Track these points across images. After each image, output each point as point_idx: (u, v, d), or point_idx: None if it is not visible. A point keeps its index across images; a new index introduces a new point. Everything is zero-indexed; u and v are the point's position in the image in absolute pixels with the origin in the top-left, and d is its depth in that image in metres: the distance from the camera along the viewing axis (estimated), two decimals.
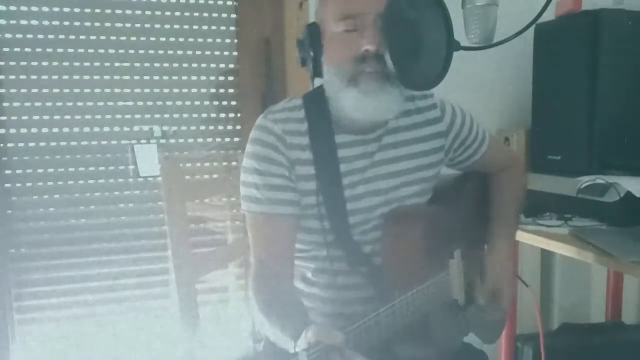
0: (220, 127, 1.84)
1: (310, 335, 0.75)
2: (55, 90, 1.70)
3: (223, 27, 1.81)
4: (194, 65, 1.79)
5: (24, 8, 1.65)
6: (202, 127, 1.83)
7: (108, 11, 1.71)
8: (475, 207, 1.19)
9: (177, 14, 1.77)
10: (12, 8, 1.64)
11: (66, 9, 1.68)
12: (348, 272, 1.04)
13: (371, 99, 0.95)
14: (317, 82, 1.04)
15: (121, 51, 1.73)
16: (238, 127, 1.85)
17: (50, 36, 1.68)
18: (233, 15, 1.81)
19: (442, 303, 1.02)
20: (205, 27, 1.79)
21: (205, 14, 1.79)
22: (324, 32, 0.99)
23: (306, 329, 0.77)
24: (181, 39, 1.77)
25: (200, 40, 1.79)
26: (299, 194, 1.01)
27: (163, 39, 1.76)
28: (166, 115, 1.79)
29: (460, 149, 1.14)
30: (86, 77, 1.71)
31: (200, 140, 1.82)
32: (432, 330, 0.99)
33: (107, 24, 1.71)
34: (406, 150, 1.07)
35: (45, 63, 1.68)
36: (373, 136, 1.05)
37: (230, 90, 1.84)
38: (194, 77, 1.80)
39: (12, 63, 1.66)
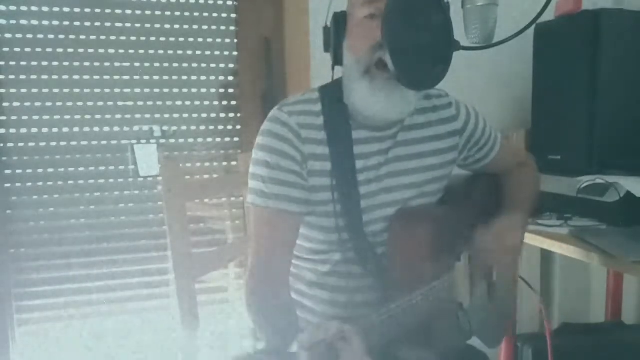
0: (221, 127, 1.84)
1: (305, 337, 0.74)
2: (55, 90, 1.69)
3: (223, 27, 1.81)
4: (194, 65, 1.79)
5: (24, 8, 1.64)
6: (202, 127, 1.82)
7: (108, 11, 1.71)
8: (483, 209, 1.18)
9: (177, 14, 1.76)
10: (12, 8, 1.64)
11: (66, 9, 1.68)
12: (359, 274, 1.03)
13: (381, 96, 0.95)
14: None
15: (121, 51, 1.73)
16: (238, 127, 1.84)
17: (50, 36, 1.68)
18: (233, 15, 1.81)
19: (447, 305, 1.02)
20: (205, 27, 1.79)
21: (205, 14, 1.79)
22: (351, 19, 0.99)
23: (299, 337, 0.76)
24: (181, 39, 1.77)
25: (200, 40, 1.79)
26: (308, 191, 1.00)
27: (163, 39, 1.76)
28: (166, 115, 1.79)
29: (474, 149, 1.14)
30: (86, 77, 1.71)
31: (200, 140, 1.82)
32: (436, 332, 0.98)
33: (107, 24, 1.71)
34: (420, 148, 1.07)
35: (45, 63, 1.68)
36: (389, 133, 1.04)
37: (230, 90, 1.84)
38: (194, 77, 1.80)
39: (12, 63, 1.66)
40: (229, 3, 1.81)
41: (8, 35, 1.65)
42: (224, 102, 1.84)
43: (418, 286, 0.94)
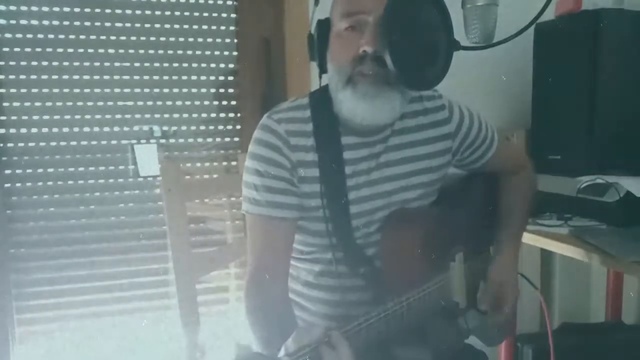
0: (220, 127, 1.84)
1: (290, 342, 0.73)
2: (55, 90, 1.69)
3: (223, 27, 1.81)
4: (194, 65, 1.79)
5: (24, 8, 1.64)
6: (202, 127, 1.82)
7: (108, 11, 1.71)
8: (479, 209, 1.18)
9: (177, 14, 1.76)
10: (12, 8, 1.64)
11: (66, 9, 1.68)
12: (351, 274, 1.03)
13: (366, 103, 0.94)
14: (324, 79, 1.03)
15: (121, 51, 1.73)
16: (238, 127, 1.84)
17: (50, 36, 1.68)
18: (233, 15, 1.81)
19: (443, 306, 1.02)
20: (205, 27, 1.79)
21: (205, 14, 1.78)
22: (332, 29, 0.98)
23: (285, 342, 0.75)
24: (181, 39, 1.77)
25: (200, 40, 1.79)
26: (300, 197, 1.00)
27: (163, 39, 1.76)
28: (166, 115, 1.79)
29: (469, 151, 1.13)
30: (86, 77, 1.71)
31: (200, 140, 1.82)
32: (432, 332, 0.99)
33: (107, 24, 1.71)
34: (412, 152, 1.06)
35: (45, 63, 1.68)
36: (379, 137, 1.04)
37: (230, 90, 1.84)
38: (194, 77, 1.80)
39: (12, 63, 1.66)
40: (229, 3, 1.81)
41: (8, 35, 1.65)
42: (224, 102, 1.84)
43: (410, 288, 0.93)
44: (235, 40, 1.82)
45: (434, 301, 0.98)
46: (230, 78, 1.84)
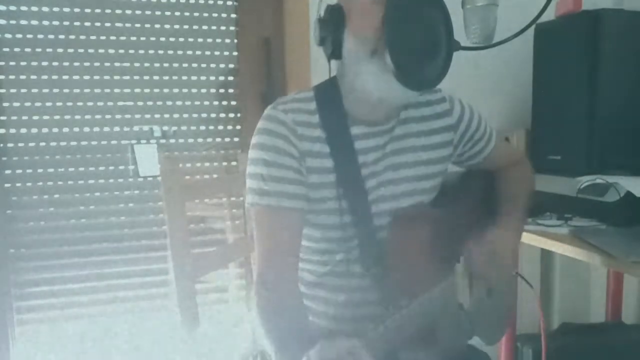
0: (221, 127, 1.84)
1: (314, 355, 0.73)
2: (55, 90, 1.69)
3: (223, 27, 1.81)
4: (194, 65, 1.79)
5: (24, 8, 1.64)
6: (202, 127, 1.82)
7: (108, 11, 1.71)
8: (482, 210, 1.18)
9: (177, 14, 1.76)
10: (12, 8, 1.64)
11: (66, 9, 1.68)
12: (359, 274, 1.02)
13: (392, 76, 0.92)
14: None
15: (121, 51, 1.73)
16: (238, 127, 1.84)
17: (50, 36, 1.68)
18: (233, 15, 1.81)
19: (448, 307, 1.01)
20: (205, 27, 1.79)
21: (205, 14, 1.79)
22: (349, 9, 0.97)
23: (307, 354, 0.74)
24: (181, 39, 1.77)
25: (200, 40, 1.79)
26: (307, 188, 0.99)
27: (163, 39, 1.76)
28: (166, 115, 1.79)
29: (469, 144, 1.14)
30: (86, 77, 1.71)
31: (200, 140, 1.82)
32: (438, 334, 0.98)
33: (107, 24, 1.71)
34: (416, 142, 1.06)
35: (45, 63, 1.68)
36: (386, 128, 1.04)
37: (230, 90, 1.84)
38: (194, 77, 1.80)
39: (12, 63, 1.66)
40: (229, 3, 1.81)
41: (8, 35, 1.65)
42: (224, 102, 1.84)
43: (419, 288, 0.93)
44: (235, 40, 1.82)
45: (441, 303, 0.98)
46: (231, 78, 1.84)
